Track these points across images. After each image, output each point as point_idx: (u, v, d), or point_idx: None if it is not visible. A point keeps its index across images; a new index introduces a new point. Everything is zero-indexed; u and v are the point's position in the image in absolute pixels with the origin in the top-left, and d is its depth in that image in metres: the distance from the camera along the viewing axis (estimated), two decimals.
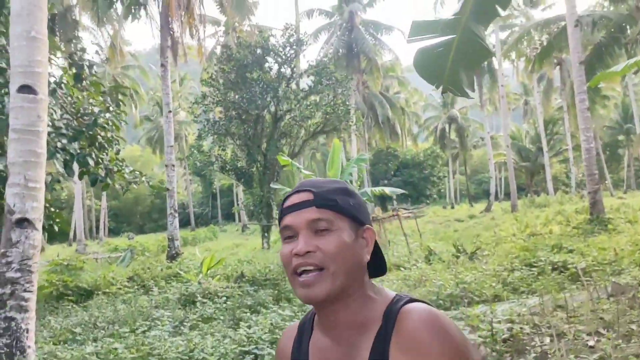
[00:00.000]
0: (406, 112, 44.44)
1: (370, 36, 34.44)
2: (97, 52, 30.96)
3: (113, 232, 53.16)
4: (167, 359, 5.26)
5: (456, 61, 2.89)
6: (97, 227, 49.21)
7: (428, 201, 42.84)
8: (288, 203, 1.13)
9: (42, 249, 22.96)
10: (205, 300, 8.53)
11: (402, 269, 10.42)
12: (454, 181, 55.07)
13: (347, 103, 22.25)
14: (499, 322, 5.23)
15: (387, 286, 8.62)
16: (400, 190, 10.18)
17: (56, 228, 9.57)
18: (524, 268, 8.45)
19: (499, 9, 2.90)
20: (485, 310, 5.58)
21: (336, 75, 21.23)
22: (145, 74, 42.96)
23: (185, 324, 7.28)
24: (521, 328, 5.06)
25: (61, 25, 25.96)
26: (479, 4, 2.82)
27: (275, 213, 20.02)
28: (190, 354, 5.36)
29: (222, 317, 7.38)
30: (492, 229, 17.21)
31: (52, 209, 9.49)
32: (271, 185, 13.86)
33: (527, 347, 4.61)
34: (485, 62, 31.55)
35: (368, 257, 1.12)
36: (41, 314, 8.67)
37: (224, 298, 8.57)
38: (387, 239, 13.83)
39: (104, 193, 42.52)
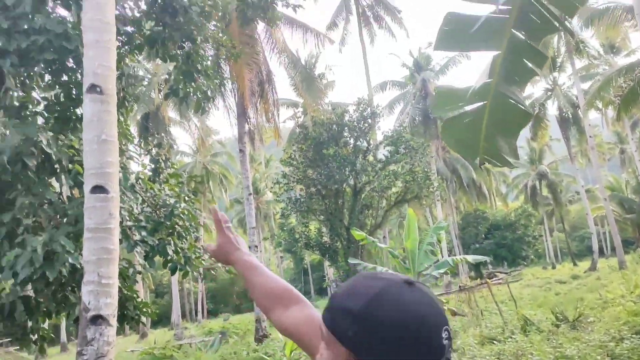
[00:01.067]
0: (491, 172, 43.04)
1: (442, 113, 34.24)
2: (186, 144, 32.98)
3: (211, 313, 54.36)
4: None
5: (491, 129, 2.67)
6: (196, 310, 50.51)
7: (525, 262, 40.25)
8: None
9: (145, 334, 23.70)
10: None
11: (495, 342, 9.61)
12: (552, 239, 51.58)
13: (427, 170, 21.92)
14: None
15: None
16: (483, 258, 9.58)
17: (144, 318, 9.84)
18: (634, 336, 7.49)
19: (535, 69, 2.68)
20: None
21: (412, 143, 21.12)
22: (233, 159, 45.12)
23: None
24: None
25: (154, 123, 28.24)
26: (510, 66, 2.62)
27: None
28: None
29: None
30: (598, 290, 15.65)
31: (140, 300, 9.78)
32: (349, 260, 13.61)
33: None
34: (570, 113, 30.19)
35: None
36: None
37: None
38: (479, 310, 12.93)
39: (199, 276, 44.00)
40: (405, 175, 20.52)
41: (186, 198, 9.56)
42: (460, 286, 14.55)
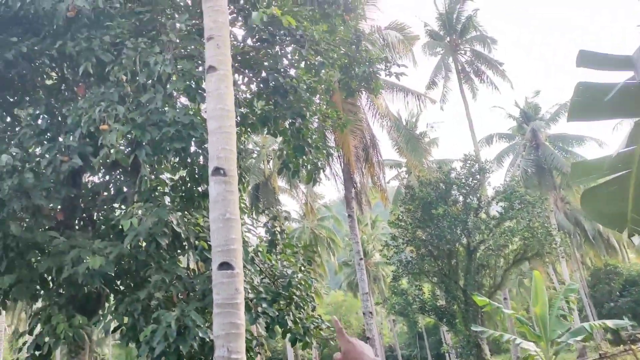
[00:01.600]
0: None
1: (560, 150, 32.60)
2: (293, 211, 33.97)
3: None
4: None
5: (639, 198, 2.49)
6: None
7: None
8: None
9: None
10: None
11: None
12: None
13: (547, 224, 20.63)
14: None
15: None
16: (625, 322, 8.65)
17: None
18: None
19: None
20: None
21: (528, 197, 20.11)
22: (339, 222, 45.61)
23: None
24: None
25: (263, 193, 29.49)
26: None
27: (485, 354, 18.39)
28: None
29: None
30: None
31: None
32: (472, 328, 12.90)
33: None
34: None
35: None
36: None
37: None
38: None
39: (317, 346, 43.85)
40: (523, 231, 19.44)
41: (301, 268, 9.74)
42: (600, 354, 13.17)
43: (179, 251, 8.71)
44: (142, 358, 8.20)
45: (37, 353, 7.73)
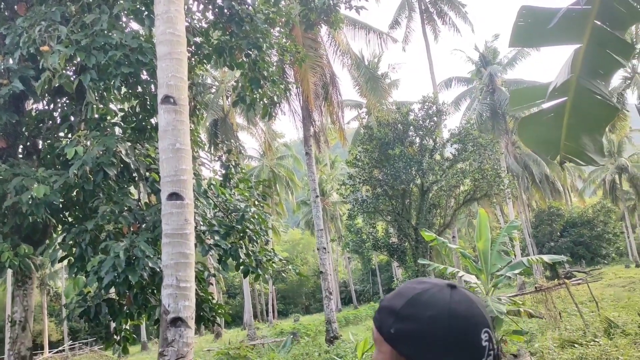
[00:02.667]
0: (566, 167, 41.03)
1: (521, 110, 33.06)
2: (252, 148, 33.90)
3: (282, 313, 55.25)
4: None
5: (573, 126, 2.54)
6: (267, 310, 51.50)
7: (605, 261, 38.05)
8: None
9: (219, 334, 24.46)
10: None
11: (576, 345, 9.15)
12: (635, 236, 48.45)
13: (497, 167, 21.23)
14: None
15: None
16: (561, 257, 9.11)
17: (219, 319, 10.12)
18: None
19: (621, 60, 2.53)
20: None
21: (481, 140, 20.53)
22: (299, 162, 45.65)
23: None
24: None
25: (222, 129, 29.04)
26: (593, 58, 2.49)
27: None
28: None
29: None
30: None
31: (215, 302, 10.06)
32: (418, 261, 13.41)
33: None
34: None
35: None
36: None
37: None
38: (557, 311, 12.36)
39: (269, 277, 44.84)
40: (474, 173, 19.99)
41: (256, 202, 9.76)
42: (536, 287, 13.96)
43: (129, 183, 8.54)
44: (91, 288, 8.18)
45: None
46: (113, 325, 9.13)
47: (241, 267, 9.12)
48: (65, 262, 8.03)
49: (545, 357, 8.62)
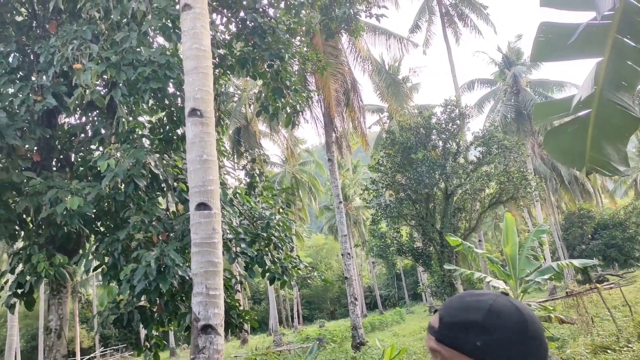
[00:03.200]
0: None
1: (540, 95, 32.72)
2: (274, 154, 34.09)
3: (307, 319, 55.28)
4: None
5: (598, 137, 2.58)
6: (292, 316, 51.64)
7: (639, 264, 37.20)
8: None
9: (245, 340, 24.59)
10: None
11: (609, 351, 9.03)
12: None
13: (523, 169, 21.00)
14: None
15: None
16: (592, 261, 9.02)
17: (246, 325, 10.26)
18: None
19: None
20: None
21: (505, 142, 20.35)
22: (321, 167, 45.80)
23: None
24: None
25: (245, 137, 29.34)
26: (616, 71, 2.53)
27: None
28: None
29: None
30: None
31: (242, 308, 10.21)
32: (445, 266, 13.36)
33: None
34: None
35: None
36: None
37: None
38: (589, 316, 12.18)
39: (295, 284, 44.96)
40: (500, 176, 19.80)
41: (280, 210, 9.89)
42: (567, 292, 13.77)
43: (157, 193, 8.75)
44: (124, 296, 8.39)
45: (19, 291, 7.86)
46: (143, 332, 9.34)
47: (267, 274, 9.25)
48: (96, 270, 8.26)
49: None
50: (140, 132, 9.10)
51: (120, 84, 7.03)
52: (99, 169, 7.20)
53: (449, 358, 1.00)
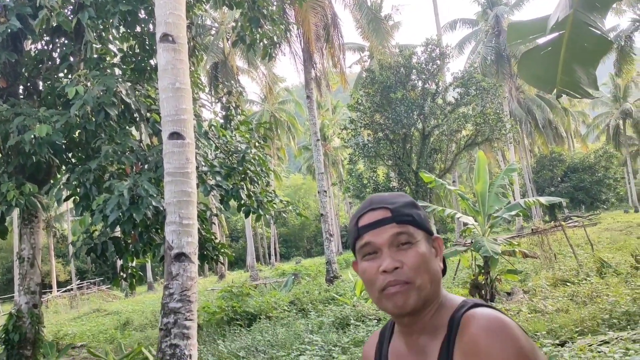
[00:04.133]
0: (570, 112, 40.73)
1: (518, 45, 32.31)
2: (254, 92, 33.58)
3: (284, 256, 56.33)
4: None
5: (569, 59, 2.57)
6: (269, 253, 52.49)
7: (605, 206, 38.39)
8: (365, 221, 1.16)
9: (222, 276, 25.06)
10: (358, 324, 8.58)
11: (568, 284, 9.44)
12: (636, 182, 48.61)
13: (499, 111, 21.10)
14: None
15: (552, 304, 7.87)
16: (557, 199, 9.25)
17: (222, 258, 10.41)
18: None
19: None
20: None
21: (484, 84, 20.32)
22: (300, 106, 45.25)
23: (337, 347, 7.37)
24: None
25: (222, 72, 28.68)
26: None
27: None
28: None
29: None
30: None
31: (217, 241, 10.31)
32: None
33: None
34: None
35: (442, 265, 1.16)
36: (212, 339, 9.43)
37: (375, 320, 8.54)
38: (552, 253, 12.65)
39: (272, 222, 45.47)
40: (476, 117, 19.89)
41: (256, 144, 9.82)
42: (532, 229, 14.21)
43: (130, 123, 8.59)
44: (97, 227, 8.38)
45: None
46: (119, 265, 9.41)
47: (243, 208, 9.30)
48: (70, 205, 8.20)
49: (537, 294, 8.90)
50: (110, 61, 8.83)
51: (88, 6, 6.72)
52: (67, 97, 7.00)
53: (411, 234, 1.11)
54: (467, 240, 12.07)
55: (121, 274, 9.56)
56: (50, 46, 9.00)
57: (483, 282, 8.74)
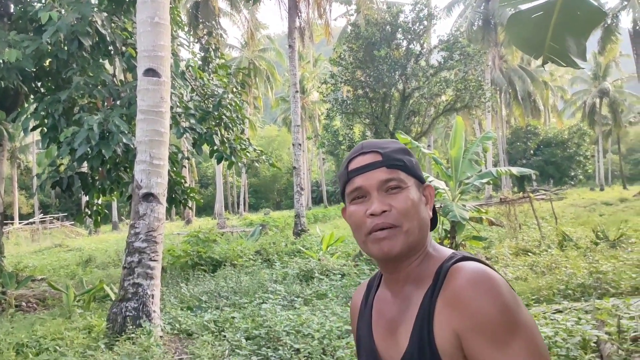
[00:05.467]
0: (550, 86, 41.00)
1: (511, 6, 32.07)
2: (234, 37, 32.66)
3: (253, 207, 56.45)
4: (276, 331, 5.42)
5: (560, 27, 2.51)
6: (238, 203, 52.50)
7: (572, 182, 39.34)
8: (355, 165, 1.14)
9: (189, 221, 24.98)
10: (322, 277, 8.69)
11: (530, 254, 9.70)
12: (605, 161, 49.85)
13: (480, 79, 21.08)
14: (632, 318, 4.64)
15: (512, 272, 8.09)
16: (529, 171, 9.34)
17: (190, 202, 10.32)
18: None
19: None
20: (619, 304, 5.00)
21: (468, 50, 20.18)
22: (281, 56, 44.36)
23: (300, 298, 7.47)
24: None
25: (203, 13, 27.77)
26: None
27: None
28: (298, 328, 5.48)
29: (335, 294, 7.45)
30: None
31: (187, 185, 10.21)
32: None
33: None
34: None
35: (431, 214, 1.16)
36: (175, 282, 9.45)
37: (339, 275, 8.66)
38: (517, 223, 12.94)
39: (244, 171, 45.32)
40: (458, 83, 19.83)
41: (234, 90, 9.62)
42: (501, 198, 14.46)
43: (104, 56, 8.27)
44: (64, 160, 8.18)
45: None
46: (85, 201, 9.24)
47: (215, 154, 9.18)
48: (37, 136, 7.95)
49: (499, 262, 9.13)
50: None
51: None
52: (40, 22, 6.66)
53: (401, 179, 1.10)
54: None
55: (86, 210, 9.42)
56: None
57: (448, 246, 8.91)
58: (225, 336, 5.43)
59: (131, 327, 5.28)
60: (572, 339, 4.13)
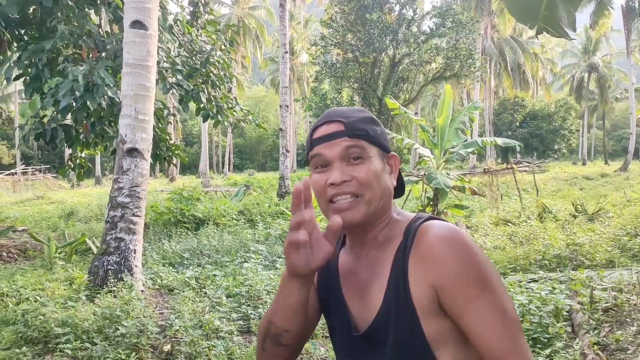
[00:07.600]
0: (540, 58, 40.93)
1: None
2: None
3: (237, 167, 56.29)
4: (257, 290, 5.49)
5: None
6: (223, 162, 52.30)
7: (555, 156, 39.78)
8: (318, 134, 1.15)
9: (173, 179, 24.80)
10: None
11: (510, 224, 9.86)
12: (589, 136, 50.34)
13: (471, 47, 20.96)
14: (604, 289, 4.78)
15: (491, 241, 8.24)
16: (514, 142, 9.41)
17: (174, 160, 10.26)
18: None
19: None
20: (593, 276, 5.14)
21: (461, 17, 19.98)
22: (271, 15, 43.52)
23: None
24: (628, 299, 4.56)
25: None
26: None
27: None
28: (277, 287, 5.56)
29: None
30: (624, 189, 15.59)
31: (172, 142, 10.12)
32: None
33: (628, 320, 4.16)
34: (638, 3, 27.86)
35: (395, 183, 1.18)
36: (157, 238, 9.47)
37: None
38: (499, 193, 13.11)
39: (229, 130, 44.93)
40: (448, 51, 19.71)
41: (222, 47, 9.46)
42: (484, 168, 14.60)
43: (90, 6, 8.04)
44: (48, 111, 8.04)
45: None
46: (68, 154, 9.12)
47: (201, 112, 9.07)
48: (19, 86, 7.78)
49: (479, 230, 9.27)
50: None
51: None
52: None
53: (364, 148, 1.11)
54: (420, 171, 12.34)
55: (69, 163, 9.32)
56: None
57: (430, 213, 9.00)
58: (206, 293, 5.49)
59: (113, 280, 5.31)
60: (545, 307, 4.25)
